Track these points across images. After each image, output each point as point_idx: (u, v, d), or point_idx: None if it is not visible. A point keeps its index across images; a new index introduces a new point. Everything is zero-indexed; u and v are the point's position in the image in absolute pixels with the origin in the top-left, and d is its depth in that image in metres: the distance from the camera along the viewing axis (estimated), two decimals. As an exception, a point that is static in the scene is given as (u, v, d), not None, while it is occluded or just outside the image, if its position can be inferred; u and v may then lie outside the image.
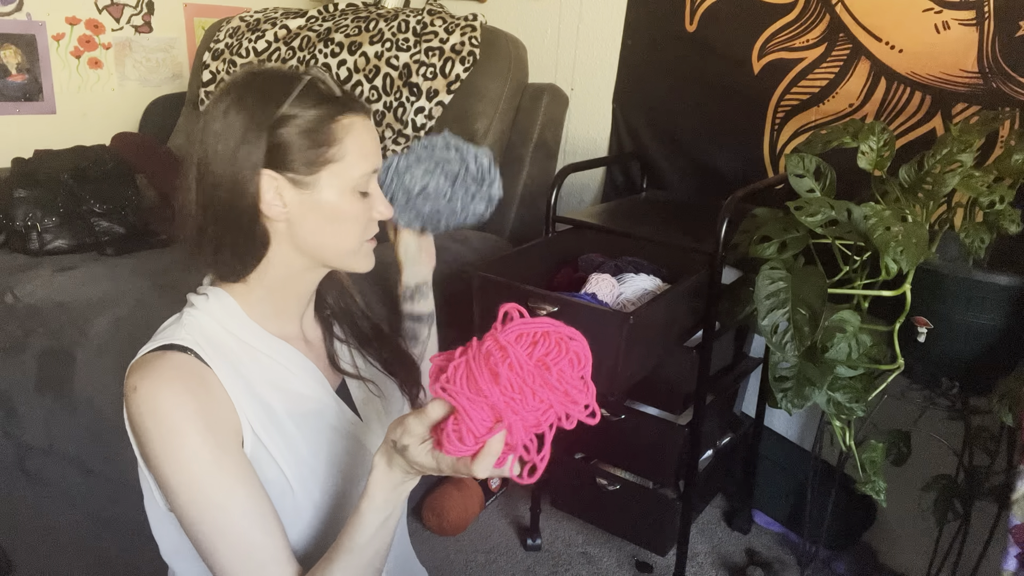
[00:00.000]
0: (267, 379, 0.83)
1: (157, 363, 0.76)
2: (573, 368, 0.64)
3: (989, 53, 1.48)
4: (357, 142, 0.81)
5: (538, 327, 0.64)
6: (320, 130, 0.79)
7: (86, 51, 2.37)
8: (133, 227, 1.97)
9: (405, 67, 1.99)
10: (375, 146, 0.84)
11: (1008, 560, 1.09)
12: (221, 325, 0.82)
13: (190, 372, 0.76)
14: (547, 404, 0.63)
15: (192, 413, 0.73)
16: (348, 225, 0.83)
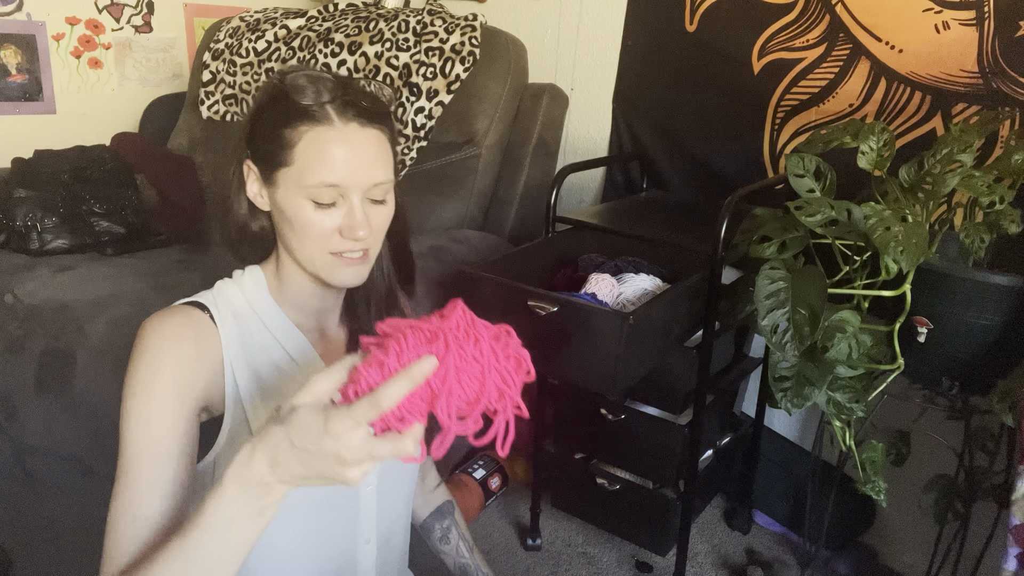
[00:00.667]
0: (270, 358, 0.86)
1: (172, 311, 0.83)
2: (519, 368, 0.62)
3: (989, 53, 1.48)
4: (310, 151, 0.79)
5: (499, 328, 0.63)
6: (275, 132, 0.80)
7: (86, 51, 2.37)
8: (133, 227, 1.97)
9: (405, 67, 1.99)
10: (339, 159, 0.79)
11: (1008, 560, 1.09)
12: (245, 298, 0.88)
13: (194, 327, 0.81)
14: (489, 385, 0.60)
15: (174, 361, 0.78)
16: (303, 233, 0.82)
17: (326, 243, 0.82)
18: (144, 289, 1.61)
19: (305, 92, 0.79)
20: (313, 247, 0.83)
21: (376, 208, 0.84)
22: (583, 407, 1.63)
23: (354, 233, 0.81)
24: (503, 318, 1.02)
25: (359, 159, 0.80)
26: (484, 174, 1.98)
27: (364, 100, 0.82)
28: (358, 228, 0.81)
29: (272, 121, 0.81)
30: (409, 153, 1.99)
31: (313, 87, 0.80)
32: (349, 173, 0.80)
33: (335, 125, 0.79)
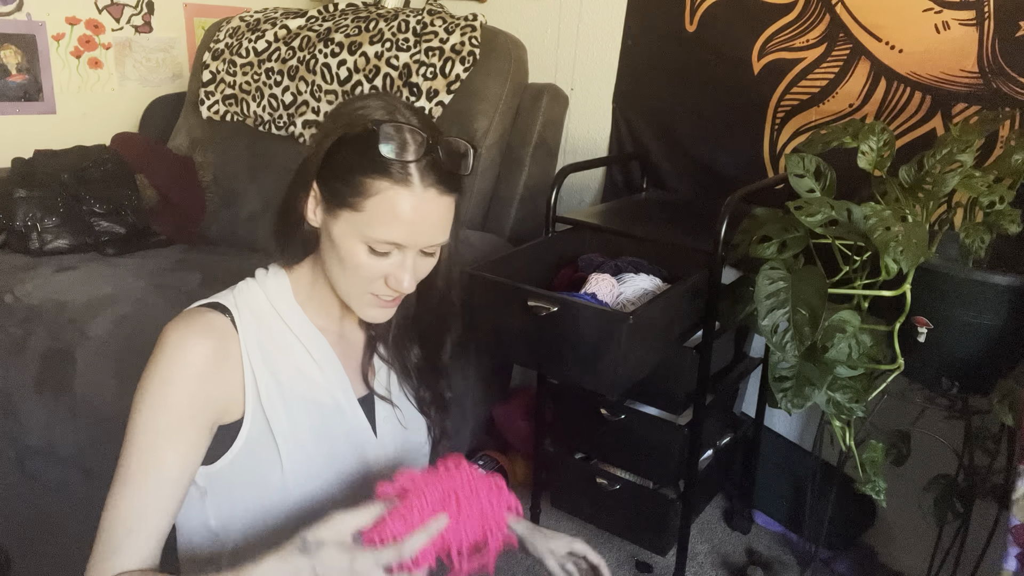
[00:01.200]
0: (290, 359, 0.87)
1: (195, 316, 0.83)
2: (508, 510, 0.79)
3: (989, 53, 1.48)
4: (383, 207, 0.78)
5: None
6: (351, 175, 0.79)
7: (86, 51, 2.37)
8: (133, 227, 1.97)
9: (405, 67, 1.99)
10: (410, 221, 0.78)
11: (1008, 560, 1.09)
12: (268, 299, 0.88)
13: (217, 335, 0.81)
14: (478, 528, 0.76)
15: (191, 374, 0.78)
16: (350, 271, 0.82)
17: (369, 285, 0.83)
18: (144, 289, 1.61)
19: (393, 147, 0.77)
20: (356, 285, 0.83)
21: (425, 259, 0.85)
22: (583, 407, 1.63)
23: (400, 286, 0.82)
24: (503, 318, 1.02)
25: (428, 224, 0.80)
26: (484, 174, 1.98)
27: (449, 163, 0.79)
28: (406, 283, 0.82)
29: (351, 162, 0.79)
30: (409, 153, 1.99)
31: (402, 142, 0.77)
32: (414, 235, 0.80)
33: (414, 189, 0.78)
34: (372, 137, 0.77)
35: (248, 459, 0.83)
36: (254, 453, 0.83)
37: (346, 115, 0.81)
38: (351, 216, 0.79)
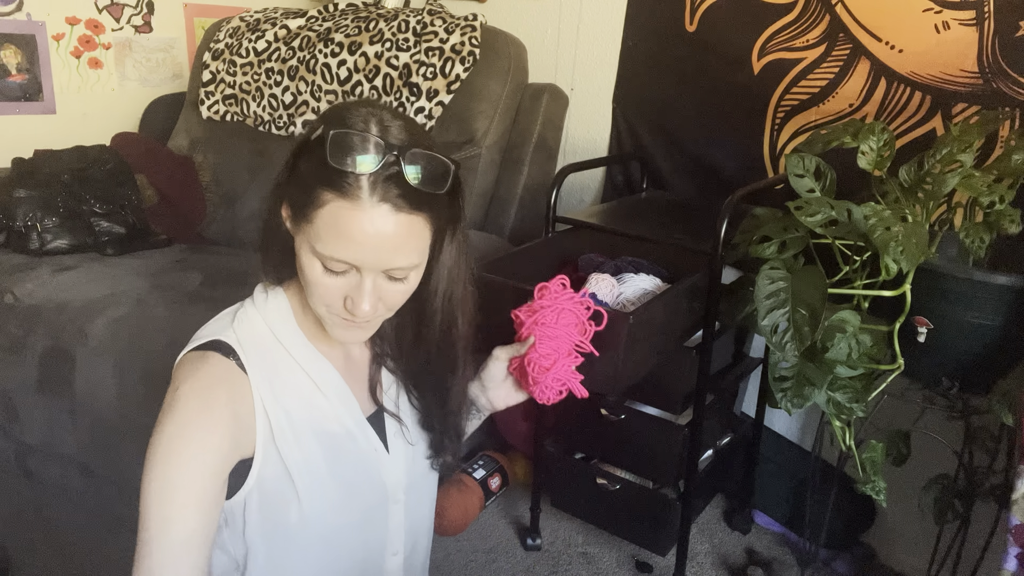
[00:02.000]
0: (297, 391, 0.84)
1: (201, 366, 0.78)
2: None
3: (989, 53, 1.48)
4: (329, 223, 0.71)
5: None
6: (307, 184, 0.73)
7: (86, 51, 2.37)
8: (133, 227, 1.97)
9: (405, 67, 1.99)
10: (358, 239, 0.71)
11: (1008, 560, 1.09)
12: (270, 327, 0.84)
13: (227, 384, 0.78)
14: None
15: (204, 431, 0.74)
16: (311, 288, 0.77)
17: (330, 305, 0.77)
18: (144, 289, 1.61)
19: (341, 156, 0.70)
20: (317, 304, 0.78)
21: (393, 285, 0.76)
22: (583, 407, 1.63)
23: (356, 310, 0.75)
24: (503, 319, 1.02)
25: (381, 244, 0.72)
26: (484, 174, 1.98)
27: (414, 179, 0.71)
28: (360, 307, 0.74)
29: (308, 171, 0.73)
30: (409, 153, 1.99)
31: (352, 152, 0.70)
32: (363, 256, 0.72)
33: (362, 204, 0.70)
34: (320, 143, 0.71)
35: (261, 495, 0.80)
36: (268, 490, 0.80)
37: (323, 121, 0.75)
38: (307, 228, 0.73)
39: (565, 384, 0.94)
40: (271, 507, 0.81)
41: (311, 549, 0.84)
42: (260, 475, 0.80)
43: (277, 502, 0.81)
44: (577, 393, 0.94)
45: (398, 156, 0.71)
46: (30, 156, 1.96)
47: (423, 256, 0.77)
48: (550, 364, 0.91)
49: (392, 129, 0.74)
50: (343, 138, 0.70)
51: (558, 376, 0.92)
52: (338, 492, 0.85)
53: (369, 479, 0.89)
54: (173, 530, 0.72)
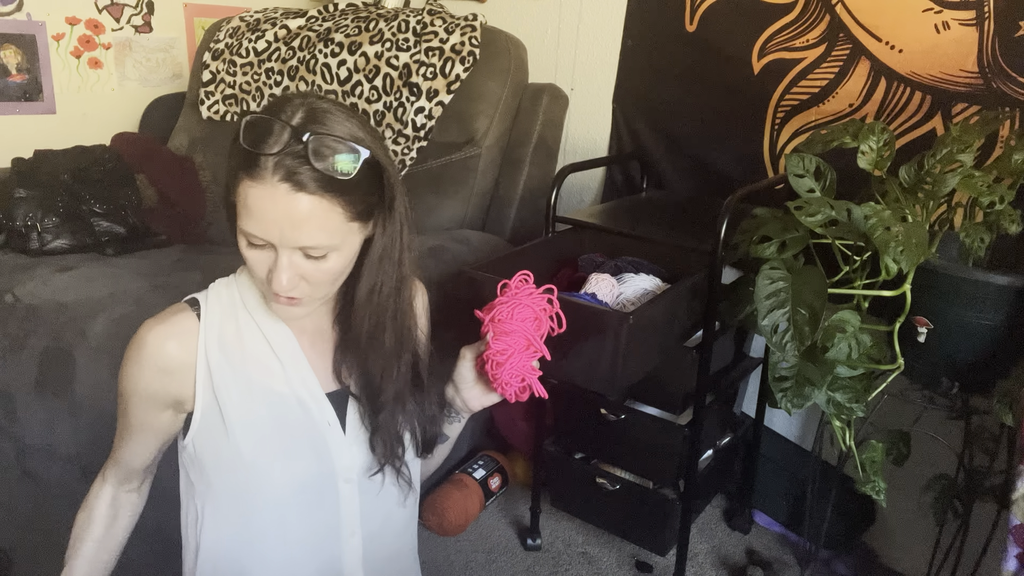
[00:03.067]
0: (252, 349, 0.90)
1: (167, 314, 0.89)
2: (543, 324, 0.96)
3: (989, 53, 1.48)
4: (241, 200, 0.77)
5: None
6: (232, 166, 0.79)
7: (86, 51, 2.37)
8: (133, 227, 1.97)
9: (405, 67, 1.99)
10: (263, 216, 0.75)
11: (1008, 560, 1.09)
12: (240, 294, 0.92)
13: (174, 334, 0.87)
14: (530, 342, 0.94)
15: (142, 369, 0.87)
16: (245, 261, 0.82)
17: (260, 279, 0.82)
18: (144, 289, 1.61)
19: (245, 137, 0.76)
20: (256, 279, 0.84)
21: (313, 263, 0.79)
22: (583, 407, 1.63)
23: (274, 282, 0.79)
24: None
25: (284, 221, 0.75)
26: (484, 174, 1.98)
27: (317, 163, 0.74)
28: (277, 280, 0.78)
29: (233, 155, 0.78)
30: (409, 153, 1.99)
31: (256, 134, 0.75)
32: (268, 232, 0.76)
33: (264, 182, 0.74)
34: (240, 128, 0.77)
35: (204, 441, 0.89)
36: (209, 436, 0.89)
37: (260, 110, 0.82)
38: (232, 203, 0.80)
39: (524, 379, 0.93)
40: (214, 451, 0.89)
41: (257, 513, 0.90)
42: (201, 421, 0.88)
43: (218, 446, 0.88)
44: (536, 390, 0.94)
45: (304, 139, 0.75)
46: (30, 156, 1.96)
47: (336, 239, 0.79)
48: (504, 359, 0.91)
49: (313, 115, 0.77)
50: (252, 122, 0.76)
51: (514, 371, 0.92)
52: (282, 451, 0.89)
53: (314, 449, 0.90)
54: (136, 431, 0.93)
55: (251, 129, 0.76)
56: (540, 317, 0.94)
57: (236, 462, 0.88)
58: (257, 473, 0.88)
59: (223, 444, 0.88)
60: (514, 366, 0.92)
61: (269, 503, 0.89)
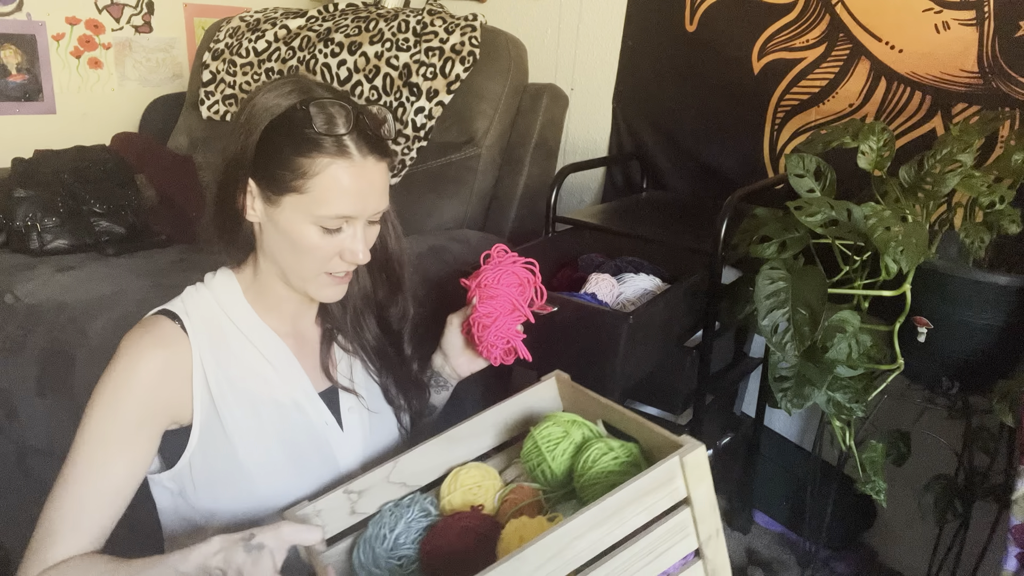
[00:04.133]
0: (244, 360, 0.87)
1: (146, 326, 0.84)
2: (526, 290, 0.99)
3: (989, 53, 1.48)
4: (328, 184, 0.79)
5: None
6: (288, 159, 0.79)
7: (86, 51, 2.37)
8: (133, 227, 1.97)
9: (405, 67, 1.99)
10: (355, 192, 0.80)
11: (1008, 560, 1.09)
12: (217, 301, 0.89)
13: (168, 344, 0.83)
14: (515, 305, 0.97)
15: (143, 384, 0.80)
16: (304, 254, 0.83)
17: (325, 264, 0.84)
18: (144, 289, 1.61)
19: (324, 123, 0.78)
20: (311, 267, 0.84)
21: (372, 228, 0.86)
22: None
23: (356, 258, 0.84)
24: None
25: (373, 192, 0.82)
26: (484, 174, 1.98)
27: (376, 130, 0.81)
28: (361, 254, 0.84)
29: (285, 147, 0.79)
30: (409, 153, 1.99)
31: (331, 117, 0.79)
32: (362, 205, 0.82)
33: (354, 159, 0.79)
34: (302, 117, 0.79)
35: (204, 459, 0.85)
36: (209, 453, 0.85)
37: (262, 105, 0.82)
38: (296, 200, 0.80)
39: (509, 342, 0.96)
40: (213, 470, 0.85)
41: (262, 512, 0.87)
42: (200, 439, 0.84)
43: (218, 464, 0.85)
44: (520, 352, 0.97)
45: (360, 113, 0.80)
46: (30, 156, 1.96)
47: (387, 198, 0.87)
48: (490, 322, 0.94)
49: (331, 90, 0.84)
50: (320, 107, 0.79)
51: (500, 333, 0.95)
52: (283, 460, 0.88)
53: (319, 452, 0.91)
54: (100, 471, 0.79)
55: (320, 114, 0.78)
56: (523, 283, 0.98)
57: (237, 475, 0.85)
58: (262, 485, 0.86)
59: (225, 460, 0.85)
60: (499, 328, 0.95)
61: (272, 509, 0.88)
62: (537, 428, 0.86)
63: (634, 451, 0.82)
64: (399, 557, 0.82)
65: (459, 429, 0.90)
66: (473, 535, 0.79)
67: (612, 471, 0.80)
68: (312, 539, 0.74)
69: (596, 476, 0.80)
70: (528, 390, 0.95)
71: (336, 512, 0.84)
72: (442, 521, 0.83)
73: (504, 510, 0.85)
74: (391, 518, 0.84)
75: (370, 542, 0.83)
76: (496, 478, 0.90)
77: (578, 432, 0.85)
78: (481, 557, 0.75)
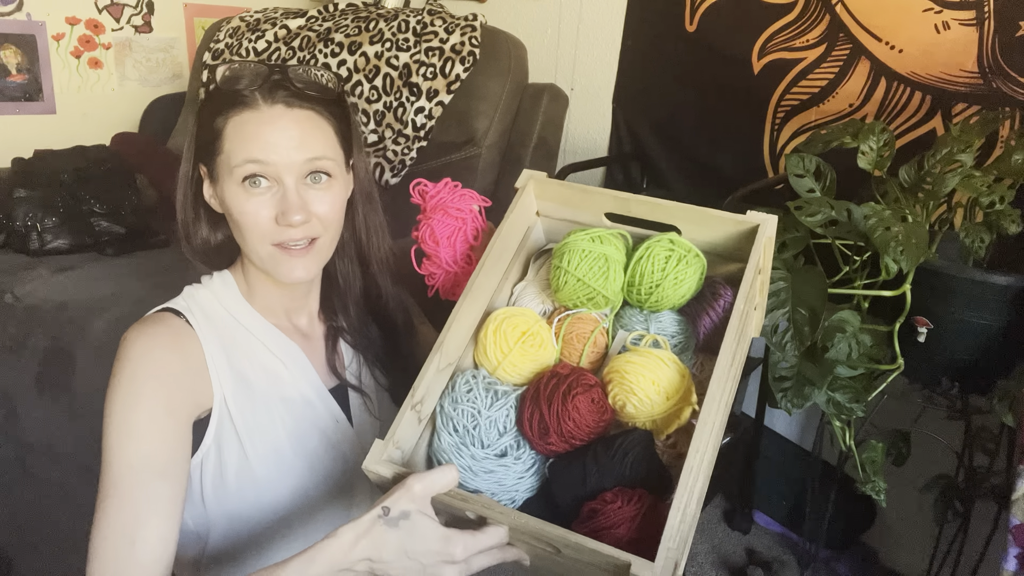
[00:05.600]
0: (252, 357, 0.85)
1: (149, 319, 0.81)
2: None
3: (989, 53, 1.48)
4: (235, 133, 0.78)
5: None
6: (210, 124, 0.80)
7: (86, 51, 2.37)
8: (133, 227, 1.97)
9: (405, 67, 1.99)
10: (263, 138, 0.77)
11: (1008, 560, 1.09)
12: (219, 301, 0.87)
13: (175, 332, 0.80)
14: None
15: (161, 372, 0.76)
16: (243, 224, 0.79)
17: (265, 233, 0.79)
18: (144, 289, 1.61)
19: (233, 80, 0.79)
20: (255, 239, 0.80)
21: (317, 193, 0.80)
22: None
23: (288, 218, 0.77)
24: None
25: (285, 139, 0.78)
26: (484, 174, 1.98)
27: (297, 83, 0.80)
28: (292, 212, 0.77)
29: (208, 115, 0.81)
30: (409, 153, 1.99)
31: (238, 74, 0.80)
32: (273, 151, 0.77)
33: (260, 108, 0.78)
34: (212, 82, 0.80)
35: (216, 457, 0.81)
36: (222, 451, 0.81)
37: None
38: (221, 162, 0.80)
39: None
40: (223, 469, 0.82)
41: (270, 522, 0.84)
42: (216, 435, 0.81)
43: (228, 463, 0.82)
44: None
45: (281, 69, 0.80)
46: (30, 156, 1.96)
47: (332, 151, 0.82)
48: (433, 283, 0.92)
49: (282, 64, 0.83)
50: (231, 68, 0.80)
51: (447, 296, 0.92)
52: (292, 458, 0.85)
53: (329, 449, 0.89)
54: (140, 464, 0.72)
55: (231, 75, 0.79)
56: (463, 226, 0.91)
57: (246, 477, 0.82)
58: (271, 483, 0.84)
59: (235, 460, 0.82)
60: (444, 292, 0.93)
61: (280, 512, 0.85)
62: (569, 264, 0.79)
63: (677, 238, 0.80)
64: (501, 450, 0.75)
65: (472, 281, 0.81)
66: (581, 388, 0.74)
67: (683, 267, 0.78)
68: (451, 480, 0.65)
69: (672, 280, 0.78)
70: (509, 215, 0.86)
71: (410, 432, 0.76)
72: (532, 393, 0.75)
73: (573, 346, 0.80)
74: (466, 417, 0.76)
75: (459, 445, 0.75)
76: (535, 317, 0.83)
77: (612, 249, 0.80)
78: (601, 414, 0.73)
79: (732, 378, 0.74)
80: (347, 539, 0.62)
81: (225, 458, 0.82)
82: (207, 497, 0.83)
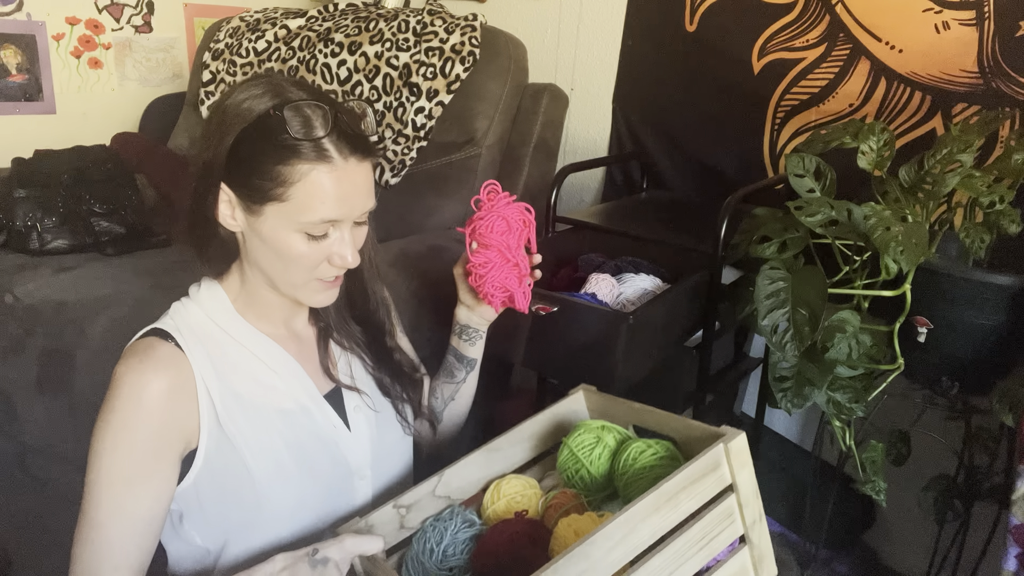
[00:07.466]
0: (246, 371, 0.85)
1: (141, 351, 0.80)
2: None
3: (989, 53, 1.48)
4: (310, 190, 0.76)
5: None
6: (266, 167, 0.76)
7: (86, 51, 2.37)
8: (133, 227, 1.97)
9: (405, 67, 1.99)
10: (339, 195, 0.77)
11: (1008, 560, 1.09)
12: (207, 314, 0.86)
13: (165, 364, 0.79)
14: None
15: (152, 413, 0.77)
16: (291, 263, 0.80)
17: (314, 271, 0.82)
18: (144, 289, 1.61)
19: (300, 127, 0.75)
20: (300, 275, 0.82)
21: (360, 229, 0.84)
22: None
23: (345, 262, 0.82)
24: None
25: (357, 194, 0.80)
26: (484, 174, 1.98)
27: (355, 128, 0.79)
28: (349, 256, 0.82)
29: (262, 154, 0.76)
30: (409, 153, 1.99)
31: (307, 120, 0.75)
32: (347, 208, 0.79)
33: (335, 163, 0.76)
34: (276, 123, 0.75)
35: (211, 477, 0.82)
36: (217, 471, 0.82)
37: (234, 109, 0.78)
38: (278, 208, 0.77)
39: (507, 290, 0.97)
40: (221, 488, 0.82)
41: (272, 530, 0.85)
42: (206, 457, 0.81)
43: (227, 482, 0.82)
44: (517, 302, 0.98)
45: (337, 113, 0.77)
46: (30, 156, 1.96)
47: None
48: (485, 272, 0.96)
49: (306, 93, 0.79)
50: (294, 110, 0.75)
51: (495, 283, 0.96)
52: (298, 470, 0.85)
53: (330, 456, 0.89)
54: (127, 509, 0.76)
55: (294, 118, 0.75)
56: (516, 228, 0.97)
57: (248, 488, 0.83)
58: (273, 495, 0.84)
59: (235, 475, 0.82)
60: (495, 278, 0.96)
61: (283, 517, 0.86)
62: (570, 437, 0.89)
63: (670, 447, 0.86)
64: (449, 568, 0.81)
65: (498, 441, 0.92)
66: (524, 538, 0.80)
67: (654, 466, 0.84)
68: (375, 548, 0.74)
69: (639, 472, 0.83)
70: (557, 404, 0.97)
71: (386, 527, 0.84)
72: (490, 529, 0.83)
73: (550, 515, 0.86)
74: (435, 532, 0.83)
75: (418, 558, 0.82)
76: (536, 487, 0.92)
77: (610, 436, 0.89)
78: (534, 559, 0.75)
79: None
80: (278, 564, 0.70)
81: (224, 476, 0.82)
82: (211, 514, 0.83)
